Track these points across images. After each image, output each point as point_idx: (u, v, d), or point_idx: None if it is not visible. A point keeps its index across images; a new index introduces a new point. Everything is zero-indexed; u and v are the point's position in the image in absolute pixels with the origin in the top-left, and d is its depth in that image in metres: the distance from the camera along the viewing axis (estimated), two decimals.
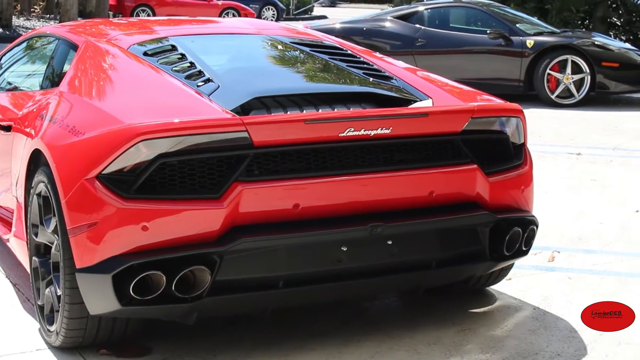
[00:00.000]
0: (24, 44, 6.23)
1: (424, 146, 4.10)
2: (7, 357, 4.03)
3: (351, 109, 4.10)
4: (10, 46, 6.34)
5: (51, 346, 4.10)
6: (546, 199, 6.89)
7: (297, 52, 5.05)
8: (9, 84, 5.96)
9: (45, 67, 5.46)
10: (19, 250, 4.64)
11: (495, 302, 4.76)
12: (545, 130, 10.37)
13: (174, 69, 4.39)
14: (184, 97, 4.07)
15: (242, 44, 5.23)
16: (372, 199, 3.95)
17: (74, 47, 5.04)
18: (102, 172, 3.67)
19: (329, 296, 4.18)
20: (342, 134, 3.84)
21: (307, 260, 3.86)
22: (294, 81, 4.63)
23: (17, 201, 4.61)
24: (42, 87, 5.22)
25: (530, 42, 12.63)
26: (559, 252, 5.63)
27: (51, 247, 4.10)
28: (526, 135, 4.46)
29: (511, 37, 12.75)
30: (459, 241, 4.18)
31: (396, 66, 4.92)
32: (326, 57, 4.87)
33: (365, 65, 4.78)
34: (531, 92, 12.65)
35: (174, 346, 4.11)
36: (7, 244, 4.98)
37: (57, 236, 3.93)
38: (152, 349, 4.07)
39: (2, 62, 6.24)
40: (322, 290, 3.99)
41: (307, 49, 5.01)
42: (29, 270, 4.41)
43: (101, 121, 3.90)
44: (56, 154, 3.96)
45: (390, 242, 3.95)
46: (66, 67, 4.99)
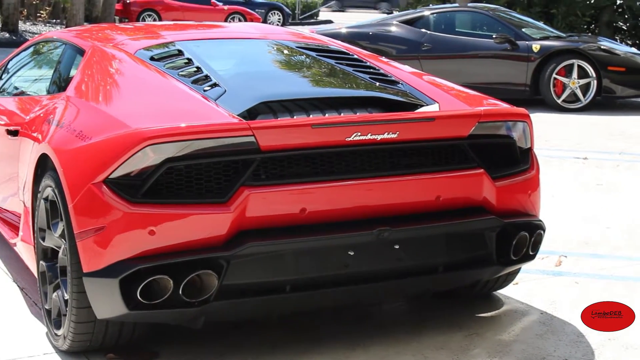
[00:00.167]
0: (31, 49, 6.25)
1: (430, 151, 4.10)
2: None
3: (358, 114, 4.10)
4: (17, 51, 6.35)
5: (59, 350, 4.10)
6: (553, 204, 6.89)
7: (303, 57, 5.06)
8: (16, 88, 5.98)
9: (52, 71, 5.48)
10: (26, 254, 4.65)
11: (502, 306, 4.75)
12: (551, 134, 10.36)
13: (181, 73, 4.39)
14: (190, 102, 4.08)
15: (248, 49, 5.24)
16: (378, 204, 3.95)
17: (81, 51, 5.05)
18: (109, 177, 3.67)
19: (336, 301, 4.18)
20: (349, 139, 3.84)
21: (313, 264, 3.86)
22: (300, 86, 4.63)
23: (25, 205, 4.62)
24: (48, 92, 5.23)
25: (536, 46, 12.62)
26: (566, 257, 5.62)
27: (58, 252, 4.11)
28: (533, 139, 4.46)
29: (517, 42, 12.74)
30: (465, 246, 4.18)
31: (402, 70, 4.92)
32: (332, 61, 4.88)
33: (371, 69, 4.78)
34: (537, 96, 12.65)
35: (181, 351, 4.11)
36: (15, 248, 4.99)
37: (65, 240, 3.93)
38: (159, 354, 4.07)
39: (9, 66, 6.25)
40: (329, 294, 3.98)
41: (313, 54, 5.01)
42: (36, 274, 4.41)
43: (108, 126, 3.90)
44: (63, 158, 3.97)
45: (397, 246, 3.94)
46: (73, 72, 5.00)
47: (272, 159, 3.77)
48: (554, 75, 12.45)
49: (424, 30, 13.46)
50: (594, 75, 12.35)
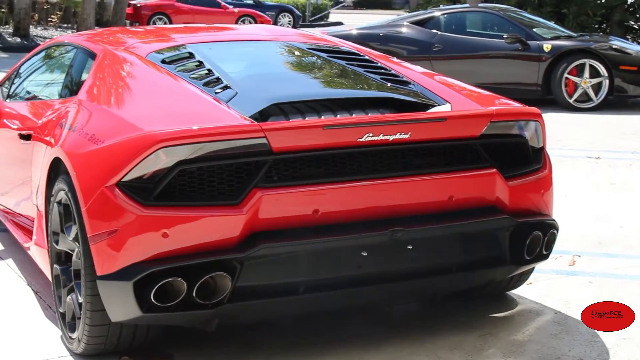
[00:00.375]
0: (43, 53, 6.26)
1: (442, 151, 4.09)
2: None
3: (369, 114, 4.10)
4: (28, 55, 6.37)
5: (73, 353, 4.11)
6: (565, 203, 6.87)
7: (314, 58, 5.06)
8: (28, 93, 5.99)
9: (63, 75, 5.49)
10: (40, 258, 4.66)
11: (516, 306, 4.74)
12: (563, 134, 10.33)
13: (192, 76, 4.40)
14: (202, 104, 4.08)
15: (259, 51, 5.24)
16: (391, 204, 3.94)
17: (92, 55, 5.06)
18: (122, 180, 3.68)
19: (349, 302, 4.17)
20: (361, 139, 3.84)
21: (327, 265, 3.86)
22: (311, 87, 4.63)
23: (38, 209, 4.64)
24: (61, 96, 5.25)
25: (547, 46, 12.59)
26: (580, 256, 5.61)
27: (72, 255, 4.12)
28: (545, 138, 4.45)
29: (528, 42, 12.72)
30: (479, 245, 4.17)
31: (414, 71, 4.92)
32: (343, 62, 4.88)
33: (382, 70, 4.78)
34: (549, 96, 12.61)
35: (194, 353, 4.12)
36: (28, 252, 5.01)
37: (78, 244, 3.94)
38: (173, 356, 4.08)
39: (20, 71, 6.27)
40: (343, 295, 3.98)
41: (324, 55, 5.01)
42: (50, 278, 4.43)
43: (120, 129, 3.91)
44: (76, 162, 3.98)
45: (410, 247, 3.94)
46: (84, 76, 5.01)
47: (284, 161, 3.77)
48: (566, 75, 12.42)
49: (434, 30, 13.45)
50: (606, 74, 12.31)
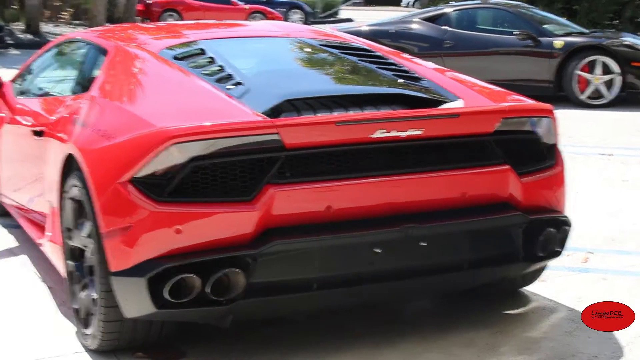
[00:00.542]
0: (54, 50, 6.27)
1: (455, 147, 4.08)
2: None
3: (381, 111, 4.09)
4: (40, 52, 6.38)
5: (88, 349, 4.12)
6: (578, 200, 6.84)
7: (325, 54, 5.05)
8: (40, 89, 6.00)
9: (75, 72, 5.50)
10: (54, 254, 4.67)
11: (529, 303, 4.73)
12: (575, 131, 10.30)
13: (204, 72, 4.40)
14: (214, 100, 4.08)
15: (270, 47, 5.24)
16: (404, 201, 3.93)
17: (104, 52, 5.06)
18: (135, 176, 3.68)
19: (362, 298, 4.17)
20: (373, 136, 3.83)
21: (340, 262, 3.85)
22: (323, 83, 4.63)
23: (51, 206, 4.64)
24: (73, 92, 5.25)
25: (559, 42, 12.56)
26: (593, 253, 5.59)
27: (85, 251, 4.12)
28: (558, 135, 4.43)
29: (539, 38, 12.69)
30: (491, 242, 4.16)
31: (425, 67, 4.91)
32: (355, 58, 4.87)
33: (394, 66, 4.77)
34: (560, 93, 12.58)
35: (208, 349, 4.12)
36: (42, 248, 5.01)
37: (92, 240, 3.94)
38: (187, 353, 4.08)
39: (32, 67, 6.28)
40: (355, 292, 3.97)
41: (335, 51, 5.01)
42: (64, 274, 4.43)
43: (133, 125, 3.91)
44: (89, 158, 3.98)
45: (423, 243, 3.93)
46: (96, 72, 5.01)
47: (297, 157, 3.77)
48: (577, 71, 12.39)
49: (445, 27, 13.43)
50: (618, 71, 12.27)
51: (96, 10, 23.71)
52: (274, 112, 3.92)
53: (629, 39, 12.99)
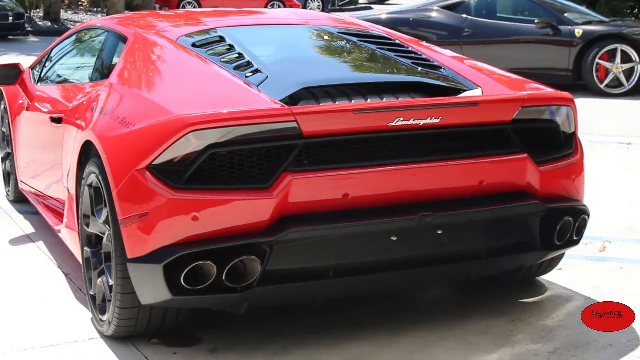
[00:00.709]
0: (73, 37, 6.29)
1: (473, 135, 4.07)
2: (60, 346, 4.08)
3: (400, 99, 4.08)
4: (59, 39, 6.40)
5: (103, 335, 4.14)
6: (596, 189, 6.80)
7: (344, 42, 5.04)
8: (59, 76, 6.02)
9: (94, 59, 5.51)
10: (71, 240, 4.69)
11: (545, 292, 4.72)
12: (594, 119, 10.24)
13: (223, 59, 4.40)
14: (232, 88, 4.08)
15: (289, 35, 5.23)
16: (421, 189, 3.93)
17: (123, 39, 5.07)
18: (153, 163, 3.69)
19: (378, 286, 4.17)
20: (391, 124, 3.83)
21: (356, 250, 3.85)
22: (342, 71, 4.62)
23: (68, 192, 4.66)
24: (91, 79, 5.27)
25: (578, 31, 12.48)
26: (610, 242, 5.57)
27: (102, 238, 4.14)
28: (577, 123, 4.41)
29: (559, 27, 12.61)
30: (509, 231, 4.15)
31: (444, 55, 4.89)
32: (374, 46, 4.85)
33: (413, 54, 4.75)
34: (579, 81, 12.51)
35: (223, 336, 4.13)
36: (59, 234, 5.04)
37: (109, 226, 3.96)
38: (202, 339, 4.10)
39: (51, 54, 6.30)
40: (372, 280, 3.98)
41: (354, 39, 5.00)
42: (80, 260, 4.45)
43: (151, 112, 3.92)
44: (107, 145, 3.99)
45: (439, 231, 3.93)
46: (115, 59, 5.03)
47: (314, 145, 3.77)
48: (597, 60, 12.31)
49: (464, 15, 13.37)
50: (638, 59, 12.19)
51: None
52: (292, 99, 3.93)
53: None
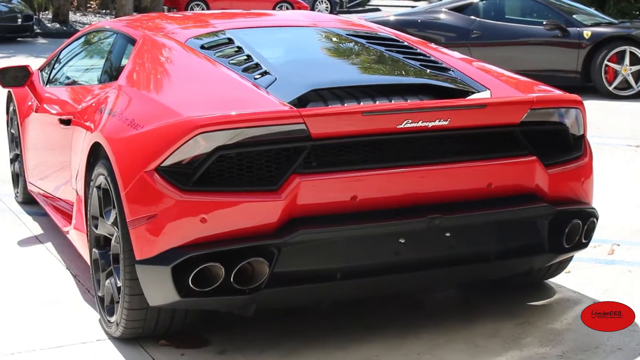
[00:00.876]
0: (82, 39, 6.30)
1: (482, 138, 4.07)
2: (68, 347, 4.08)
3: (408, 101, 4.08)
4: (68, 41, 6.40)
5: (111, 337, 4.15)
6: (605, 192, 6.79)
7: (352, 44, 5.04)
8: (68, 78, 6.03)
9: (103, 61, 5.52)
10: (79, 242, 4.70)
11: (554, 295, 4.71)
12: (603, 122, 10.22)
13: (231, 62, 4.40)
14: (241, 90, 4.09)
15: (298, 37, 5.23)
16: (430, 191, 3.93)
17: (132, 41, 5.08)
18: (161, 165, 3.69)
19: (387, 288, 4.17)
20: (400, 126, 3.82)
21: (365, 252, 3.85)
22: (350, 73, 4.62)
23: (77, 194, 4.67)
24: (100, 81, 5.27)
25: (587, 33, 12.46)
26: (619, 245, 5.56)
27: (111, 239, 4.14)
28: (586, 126, 4.40)
29: (568, 29, 12.59)
30: (517, 233, 4.15)
31: (453, 57, 4.88)
32: (382, 48, 4.85)
33: (421, 56, 4.75)
34: (588, 83, 12.48)
35: (231, 338, 4.13)
36: (67, 236, 5.05)
37: (117, 228, 3.96)
38: (210, 341, 4.10)
39: (60, 56, 6.31)
40: (380, 282, 3.98)
41: (362, 41, 4.99)
42: (89, 262, 4.46)
43: (160, 114, 3.92)
44: (116, 147, 4.00)
45: (448, 234, 3.92)
46: (124, 61, 5.03)
47: (323, 147, 3.77)
48: (606, 62, 12.29)
49: (473, 17, 13.36)
50: None
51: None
52: (301, 102, 3.93)
53: None
